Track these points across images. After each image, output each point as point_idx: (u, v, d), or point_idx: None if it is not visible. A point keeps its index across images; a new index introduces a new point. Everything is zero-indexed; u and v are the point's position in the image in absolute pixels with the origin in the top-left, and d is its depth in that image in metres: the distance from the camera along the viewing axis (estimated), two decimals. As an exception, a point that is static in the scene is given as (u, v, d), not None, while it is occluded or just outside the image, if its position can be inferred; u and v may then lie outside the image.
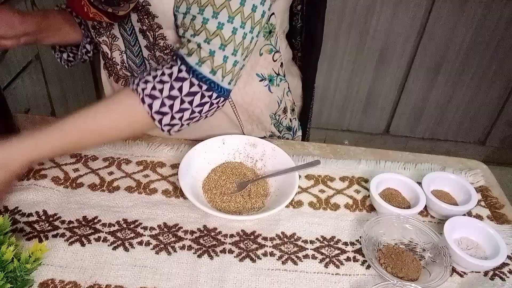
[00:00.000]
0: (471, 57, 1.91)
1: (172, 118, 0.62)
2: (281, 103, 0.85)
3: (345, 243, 0.67)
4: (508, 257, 0.66)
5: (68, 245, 0.63)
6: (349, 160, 0.82)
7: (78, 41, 0.82)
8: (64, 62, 0.86)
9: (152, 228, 0.66)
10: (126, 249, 0.63)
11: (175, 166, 0.78)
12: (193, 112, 0.63)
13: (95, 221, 0.67)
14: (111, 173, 0.75)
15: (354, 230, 0.69)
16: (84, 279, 0.59)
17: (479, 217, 0.73)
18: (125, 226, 0.66)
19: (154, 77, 0.61)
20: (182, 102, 0.61)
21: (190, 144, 0.82)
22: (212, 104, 0.63)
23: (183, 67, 0.61)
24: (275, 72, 0.81)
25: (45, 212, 0.67)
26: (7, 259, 0.53)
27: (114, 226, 0.66)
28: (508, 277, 0.64)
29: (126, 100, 0.62)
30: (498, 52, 1.88)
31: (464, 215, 0.70)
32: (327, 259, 0.64)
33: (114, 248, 0.63)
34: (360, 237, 0.67)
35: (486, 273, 0.64)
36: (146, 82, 0.61)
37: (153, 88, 0.60)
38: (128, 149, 0.81)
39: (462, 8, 1.78)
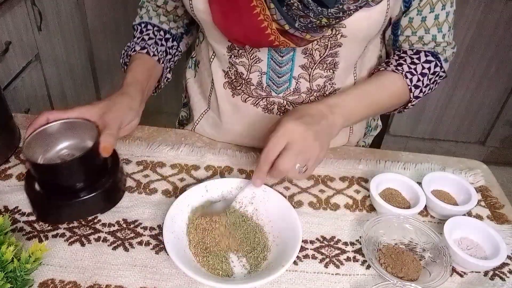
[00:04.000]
0: (471, 57, 1.91)
1: (421, 91, 0.75)
2: None
3: (345, 243, 0.67)
4: (508, 257, 0.66)
5: (68, 245, 0.63)
6: (349, 160, 0.82)
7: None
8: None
9: (152, 228, 0.66)
10: (126, 249, 0.63)
11: (175, 166, 0.78)
12: (430, 88, 0.77)
13: (95, 221, 0.67)
14: (111, 173, 0.75)
15: (354, 230, 0.69)
16: (84, 279, 0.59)
17: (479, 217, 0.73)
18: (125, 226, 0.66)
19: (404, 60, 0.75)
20: (429, 79, 0.75)
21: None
22: (439, 83, 0.79)
23: (428, 53, 0.75)
24: None
25: (45, 212, 0.67)
26: (7, 259, 0.53)
27: (114, 226, 0.66)
28: (508, 277, 0.64)
29: (391, 78, 0.74)
30: (498, 52, 1.88)
31: (464, 215, 0.70)
32: (327, 259, 0.64)
33: (114, 248, 0.63)
34: (360, 237, 0.67)
35: (486, 273, 0.64)
36: (401, 64, 0.74)
37: (409, 67, 0.74)
38: (128, 149, 0.81)
39: (462, 8, 1.77)
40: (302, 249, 0.65)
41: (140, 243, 0.64)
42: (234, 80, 0.78)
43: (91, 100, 1.96)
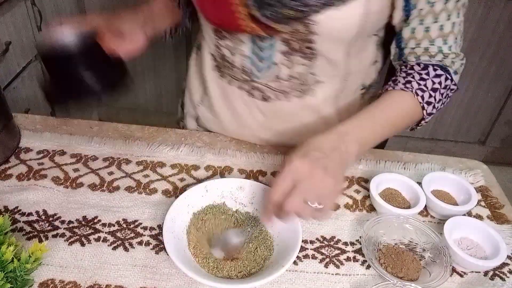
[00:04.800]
0: (471, 57, 1.91)
1: (434, 107, 0.72)
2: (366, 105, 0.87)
3: (345, 243, 0.67)
4: (508, 257, 0.66)
5: (68, 245, 0.63)
6: (349, 160, 0.82)
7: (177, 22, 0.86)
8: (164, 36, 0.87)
9: (152, 228, 0.66)
10: (126, 249, 0.63)
11: (175, 166, 0.78)
12: (443, 103, 0.74)
13: (95, 221, 0.67)
14: (111, 173, 0.75)
15: (354, 230, 0.69)
16: (84, 279, 0.59)
17: (479, 217, 0.73)
18: (125, 226, 0.66)
19: (413, 77, 0.71)
20: (441, 93, 0.72)
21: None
22: (450, 96, 0.76)
23: (436, 67, 0.71)
24: (375, 81, 0.85)
25: (45, 212, 0.67)
26: (7, 259, 0.53)
27: (114, 226, 0.66)
28: (508, 277, 0.64)
29: (401, 97, 0.71)
30: (498, 52, 1.88)
31: (464, 215, 0.70)
32: (327, 259, 0.64)
33: (114, 248, 0.63)
34: (360, 237, 0.67)
35: (486, 273, 0.64)
36: (410, 82, 0.71)
37: (419, 84, 0.70)
38: (128, 149, 0.81)
39: (462, 8, 1.77)
40: (302, 249, 0.65)
41: (140, 243, 0.64)
42: (220, 63, 0.80)
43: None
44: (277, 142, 0.86)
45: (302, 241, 0.65)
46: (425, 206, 0.71)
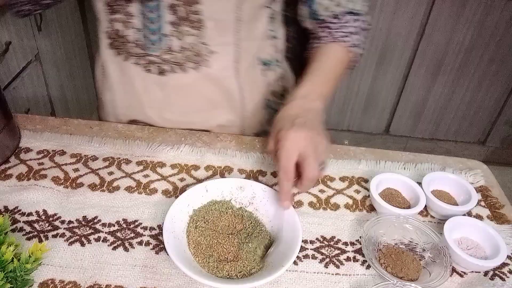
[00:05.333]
0: (471, 57, 1.91)
1: (360, 47, 0.80)
2: (272, 87, 0.89)
3: (345, 243, 0.67)
4: (508, 257, 0.66)
5: (68, 245, 0.63)
6: (349, 160, 0.82)
7: None
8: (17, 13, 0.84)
9: (152, 228, 0.66)
10: (126, 249, 0.63)
11: (175, 166, 0.78)
12: (364, 42, 0.81)
13: (95, 221, 0.67)
14: (111, 173, 0.75)
15: (354, 230, 0.69)
16: (84, 279, 0.59)
17: (479, 217, 0.73)
18: (125, 226, 0.66)
19: (331, 28, 0.78)
20: (362, 35, 0.80)
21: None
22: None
23: (349, 14, 0.78)
24: (274, 58, 0.87)
25: (45, 212, 0.67)
26: (7, 259, 0.53)
27: (114, 226, 0.66)
28: (508, 277, 0.64)
29: (332, 48, 0.79)
30: (498, 52, 1.88)
31: (464, 215, 0.70)
32: (327, 259, 0.64)
33: (114, 248, 0.63)
34: (360, 237, 0.67)
35: (486, 273, 0.64)
36: (331, 33, 0.78)
37: (339, 32, 0.78)
38: (128, 149, 0.81)
39: (462, 8, 1.78)
40: (302, 249, 0.65)
41: (140, 243, 0.64)
42: (115, 40, 0.80)
43: (91, 100, 1.96)
44: (185, 122, 0.87)
45: (302, 241, 0.65)
46: (425, 206, 0.71)
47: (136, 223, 0.67)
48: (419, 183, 0.73)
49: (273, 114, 0.90)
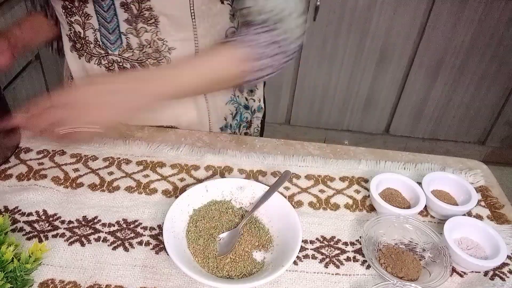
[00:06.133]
0: (471, 57, 1.91)
1: (261, 63, 0.71)
2: None
3: (345, 243, 0.67)
4: (508, 257, 0.66)
5: (68, 245, 0.63)
6: (349, 160, 0.82)
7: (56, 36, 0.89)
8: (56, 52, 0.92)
9: (152, 228, 0.66)
10: (126, 249, 0.63)
11: (175, 166, 0.78)
12: (277, 60, 0.72)
13: (95, 221, 0.67)
14: (111, 173, 0.75)
15: (354, 230, 0.69)
16: (84, 279, 0.59)
17: (479, 217, 0.73)
18: (125, 226, 0.66)
19: (239, 35, 0.71)
20: (269, 50, 0.71)
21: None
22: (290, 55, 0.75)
23: (262, 26, 0.70)
24: None
25: (45, 212, 0.67)
26: (7, 259, 0.53)
27: (114, 226, 0.66)
28: (508, 277, 0.64)
29: (221, 51, 0.72)
30: (498, 52, 1.88)
31: (464, 215, 0.70)
32: (327, 259, 0.64)
33: (114, 248, 0.63)
34: (360, 237, 0.67)
35: (486, 273, 0.64)
36: (235, 40, 0.71)
37: (243, 42, 0.71)
38: (128, 149, 0.81)
39: (462, 8, 1.78)
40: (302, 249, 0.65)
41: (140, 243, 0.64)
42: (76, 42, 0.80)
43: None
44: (152, 119, 0.87)
45: (302, 241, 0.65)
46: (425, 206, 0.71)
47: (136, 223, 0.67)
48: (419, 183, 0.73)
49: (238, 108, 0.90)
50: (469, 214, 0.73)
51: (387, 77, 2.01)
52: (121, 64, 0.80)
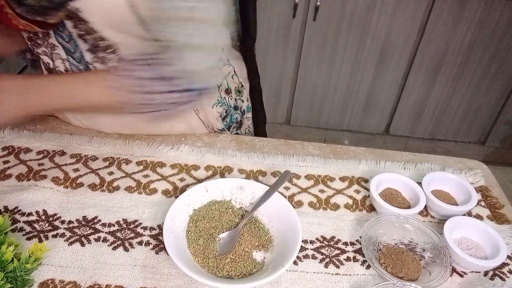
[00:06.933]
0: (471, 57, 1.91)
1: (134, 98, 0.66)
2: (221, 85, 0.86)
3: (345, 243, 0.67)
4: (508, 257, 0.66)
5: (68, 245, 0.63)
6: (349, 160, 0.82)
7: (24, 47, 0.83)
8: (27, 61, 0.88)
9: (152, 228, 0.66)
10: (126, 249, 0.63)
11: (175, 166, 0.78)
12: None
13: (95, 221, 0.67)
14: (111, 173, 0.75)
15: (354, 230, 0.69)
16: (84, 279, 0.59)
17: (479, 217, 0.73)
18: (125, 226, 0.66)
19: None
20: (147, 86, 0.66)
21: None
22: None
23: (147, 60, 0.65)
24: (221, 61, 0.84)
25: (45, 212, 0.67)
26: (7, 259, 0.53)
27: (114, 226, 0.66)
28: (508, 277, 0.64)
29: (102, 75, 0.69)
30: (498, 52, 1.88)
31: (464, 215, 0.70)
32: (327, 259, 0.64)
33: (114, 248, 0.63)
34: (360, 237, 0.67)
35: (486, 273, 0.64)
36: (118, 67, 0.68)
37: (124, 71, 0.66)
38: (128, 149, 0.81)
39: (462, 8, 1.78)
40: (302, 249, 0.65)
41: (140, 243, 0.64)
42: (50, 71, 0.78)
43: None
44: (149, 131, 0.86)
45: (302, 241, 0.65)
46: (425, 206, 0.71)
47: (136, 223, 0.67)
48: (419, 183, 0.73)
49: (227, 109, 0.89)
50: (469, 214, 0.73)
51: (387, 77, 2.01)
52: None
